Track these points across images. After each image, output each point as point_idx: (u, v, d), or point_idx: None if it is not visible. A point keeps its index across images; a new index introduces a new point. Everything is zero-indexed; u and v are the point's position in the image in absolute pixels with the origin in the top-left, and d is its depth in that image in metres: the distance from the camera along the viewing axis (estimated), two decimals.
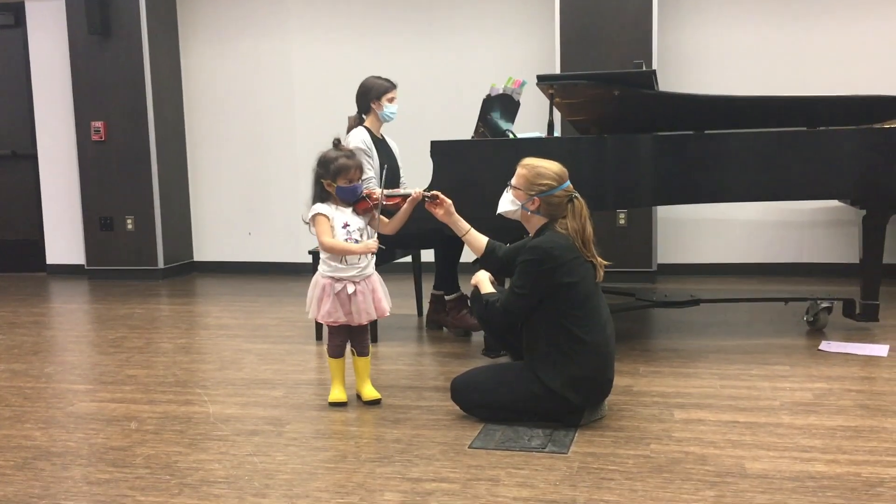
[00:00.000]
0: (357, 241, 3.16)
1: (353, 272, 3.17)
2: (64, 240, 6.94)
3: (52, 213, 6.94)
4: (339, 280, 3.17)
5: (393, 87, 4.37)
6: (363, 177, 3.36)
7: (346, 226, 3.17)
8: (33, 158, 6.93)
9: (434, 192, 3.25)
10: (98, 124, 6.50)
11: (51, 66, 6.75)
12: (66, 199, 6.85)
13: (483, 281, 3.09)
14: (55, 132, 6.82)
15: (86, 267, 6.75)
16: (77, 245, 6.84)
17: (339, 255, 3.14)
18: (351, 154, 3.23)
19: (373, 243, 3.12)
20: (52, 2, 6.62)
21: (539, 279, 2.86)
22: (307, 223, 3.22)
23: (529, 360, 2.97)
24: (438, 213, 3.25)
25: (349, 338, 3.29)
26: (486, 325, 3.34)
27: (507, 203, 3.04)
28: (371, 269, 3.24)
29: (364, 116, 4.42)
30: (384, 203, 3.23)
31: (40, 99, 6.84)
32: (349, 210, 3.21)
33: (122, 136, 6.49)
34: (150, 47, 6.40)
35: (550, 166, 2.98)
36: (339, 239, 3.15)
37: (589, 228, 2.94)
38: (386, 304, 3.28)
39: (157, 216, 6.54)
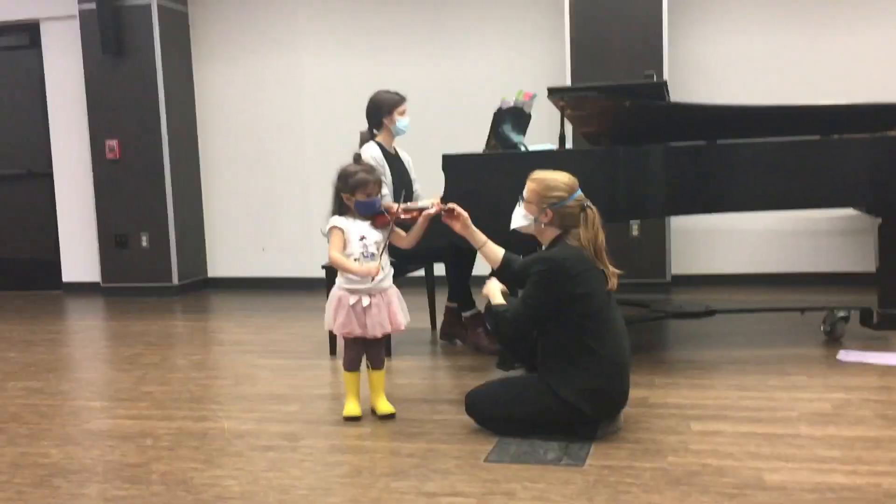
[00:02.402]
0: (373, 254, 3.18)
1: (369, 284, 3.18)
2: (79, 257, 6.98)
3: (68, 231, 6.99)
4: (354, 292, 3.18)
5: (403, 99, 4.38)
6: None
7: (362, 238, 3.19)
8: (49, 177, 6.99)
9: (451, 205, 3.26)
10: (112, 143, 6.55)
11: (65, 86, 6.81)
12: (81, 216, 6.89)
13: (493, 291, 3.09)
14: (70, 151, 6.87)
15: (101, 284, 6.78)
16: (92, 262, 6.88)
17: (342, 271, 3.18)
18: (370, 169, 3.26)
19: (373, 267, 3.13)
20: (67, 22, 6.69)
21: (549, 290, 2.86)
22: (325, 235, 3.26)
23: (544, 372, 2.96)
24: (455, 225, 3.25)
25: (364, 351, 3.30)
26: (499, 337, 3.34)
27: (520, 218, 3.05)
28: (388, 282, 3.25)
29: (376, 132, 4.43)
30: (402, 217, 3.25)
31: (55, 118, 6.90)
32: (367, 224, 3.23)
33: (137, 154, 6.53)
34: (164, 66, 6.45)
35: (560, 177, 2.99)
36: (355, 251, 3.17)
37: (601, 237, 2.94)
38: (402, 318, 3.28)
39: (172, 233, 6.57)
